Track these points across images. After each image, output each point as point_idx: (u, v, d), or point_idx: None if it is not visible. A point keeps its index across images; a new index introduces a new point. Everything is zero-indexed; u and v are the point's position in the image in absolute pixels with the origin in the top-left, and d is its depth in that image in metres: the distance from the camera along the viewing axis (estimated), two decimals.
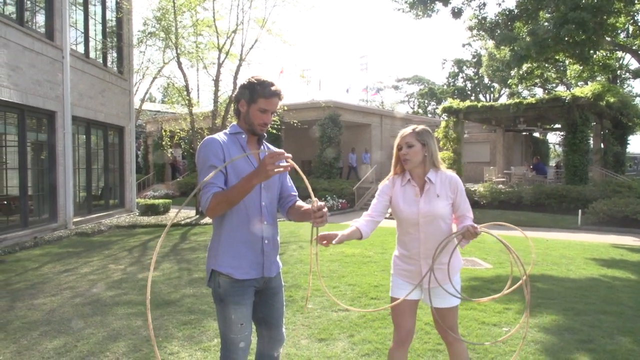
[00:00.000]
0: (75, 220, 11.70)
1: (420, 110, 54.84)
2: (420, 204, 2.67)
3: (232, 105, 15.07)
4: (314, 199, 2.28)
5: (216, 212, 2.31)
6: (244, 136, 2.45)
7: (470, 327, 4.52)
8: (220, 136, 2.42)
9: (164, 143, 20.88)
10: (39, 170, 11.01)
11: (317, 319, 4.76)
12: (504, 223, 3.06)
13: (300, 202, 2.62)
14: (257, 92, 2.38)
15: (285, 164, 2.17)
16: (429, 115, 48.51)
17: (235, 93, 2.46)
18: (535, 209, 16.02)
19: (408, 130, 2.75)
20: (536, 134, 29.17)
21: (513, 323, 4.68)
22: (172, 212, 16.01)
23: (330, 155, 20.56)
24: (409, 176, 2.75)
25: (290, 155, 2.19)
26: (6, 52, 9.35)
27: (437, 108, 48.04)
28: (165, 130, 20.28)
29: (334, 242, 2.48)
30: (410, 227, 2.71)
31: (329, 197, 17.54)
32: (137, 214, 15.09)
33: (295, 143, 24.30)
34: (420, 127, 2.77)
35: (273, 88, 2.39)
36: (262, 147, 2.52)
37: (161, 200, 16.12)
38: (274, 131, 16.14)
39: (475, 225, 2.57)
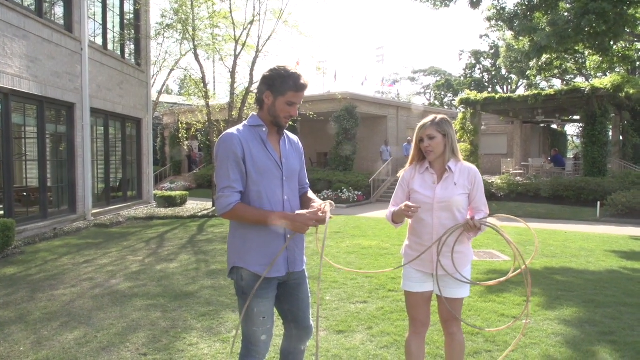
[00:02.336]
0: (94, 211, 11.81)
1: (437, 102, 54.35)
2: (437, 190, 2.67)
3: (253, 95, 15.02)
4: (327, 202, 2.33)
5: (231, 219, 2.34)
6: (264, 129, 2.38)
7: (490, 319, 4.46)
8: (239, 130, 2.36)
9: (180, 135, 21.00)
10: (58, 162, 11.12)
11: (334, 311, 4.73)
12: (507, 215, 3.01)
13: (311, 194, 2.60)
14: (287, 85, 2.31)
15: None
16: (446, 107, 48.05)
17: (258, 83, 2.40)
18: (553, 201, 15.79)
19: (427, 121, 2.72)
20: (554, 126, 28.75)
21: (533, 315, 4.61)
22: (189, 203, 16.11)
23: (347, 150, 20.46)
24: (428, 164, 2.74)
25: (333, 205, 2.33)
26: (25, 44, 9.42)
27: (453, 100, 47.61)
28: (181, 123, 20.37)
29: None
30: (424, 213, 2.69)
31: (344, 189, 17.48)
32: (155, 205, 15.20)
33: (312, 135, 24.25)
34: (440, 116, 2.74)
35: (302, 81, 2.33)
36: (282, 137, 2.47)
37: (178, 192, 16.21)
38: (291, 122, 16.04)
39: (476, 218, 2.56)
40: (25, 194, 10.33)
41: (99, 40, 12.64)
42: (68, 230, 10.02)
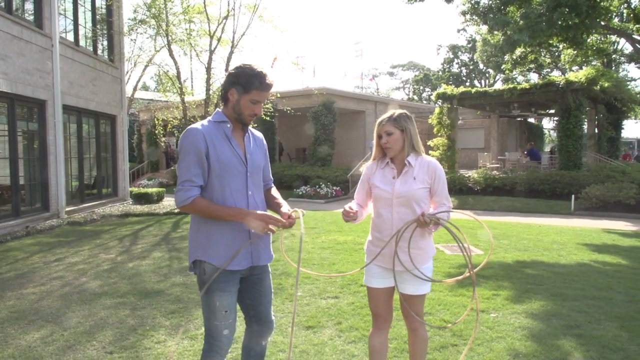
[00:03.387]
0: (67, 209, 11.64)
1: (415, 97, 54.69)
2: (396, 185, 2.67)
3: (219, 91, 14.90)
4: (294, 211, 2.41)
5: (190, 213, 2.38)
6: (229, 125, 2.40)
7: (459, 314, 4.52)
8: (203, 125, 2.37)
9: (157, 132, 20.79)
10: (31, 160, 10.91)
11: (305, 306, 4.75)
12: (460, 210, 3.08)
13: (274, 192, 2.63)
14: (251, 83, 2.32)
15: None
16: (424, 102, 48.39)
17: (224, 80, 2.42)
18: (529, 194, 16.03)
19: (385, 117, 2.72)
20: (531, 120, 29.16)
21: (501, 309, 4.69)
22: (166, 200, 15.96)
23: (325, 145, 20.49)
24: (388, 159, 2.75)
25: (303, 213, 2.41)
26: None
27: (432, 94, 47.89)
28: (158, 119, 20.15)
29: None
30: (383, 208, 2.70)
31: (322, 185, 17.50)
32: (131, 202, 15.04)
33: (290, 130, 24.20)
34: (398, 112, 2.74)
35: (268, 80, 2.34)
36: (247, 134, 2.49)
37: (155, 189, 16.05)
38: (268, 118, 16.03)
39: (425, 213, 2.57)
40: None
41: (70, 37, 12.42)
42: (41, 229, 9.87)
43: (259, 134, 2.63)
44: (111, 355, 3.68)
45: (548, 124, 35.42)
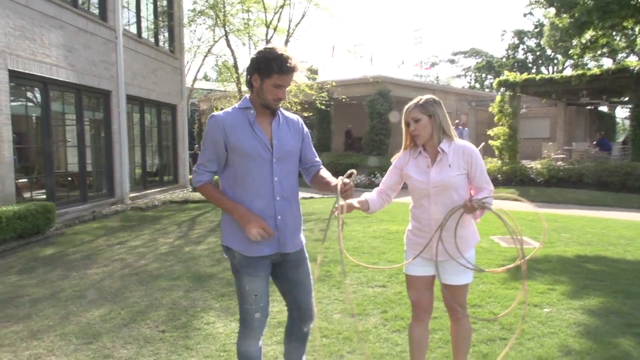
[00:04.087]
0: (131, 195, 12.23)
1: (477, 85, 53.07)
2: (431, 174, 2.60)
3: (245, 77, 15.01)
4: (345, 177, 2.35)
5: (203, 195, 2.51)
6: (252, 112, 2.42)
7: (509, 307, 4.40)
8: (227, 112, 2.42)
9: None
10: (97, 148, 11.54)
11: (352, 294, 4.78)
12: (509, 195, 2.96)
13: (324, 172, 2.59)
14: (271, 68, 2.31)
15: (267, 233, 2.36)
16: (486, 90, 46.88)
17: (248, 65, 2.44)
18: (596, 187, 15.22)
19: (411, 103, 2.66)
20: (602, 108, 27.61)
21: (556, 304, 4.53)
22: None
23: (380, 134, 20.34)
24: (421, 148, 2.68)
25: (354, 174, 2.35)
26: (62, 34, 9.77)
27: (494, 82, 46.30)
28: (217, 108, 20.68)
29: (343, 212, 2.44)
30: (422, 198, 2.65)
31: (378, 174, 17.41)
32: (190, 190, 15.57)
33: (345, 119, 24.16)
34: (425, 97, 2.67)
35: (288, 64, 2.31)
36: (276, 118, 2.48)
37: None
38: (323, 107, 16.06)
39: (472, 198, 2.50)
40: (67, 178, 10.80)
41: (133, 29, 12.96)
42: (106, 213, 10.43)
43: (294, 117, 2.59)
44: (163, 333, 3.87)
45: (621, 112, 33.44)
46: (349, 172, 2.37)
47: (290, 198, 2.47)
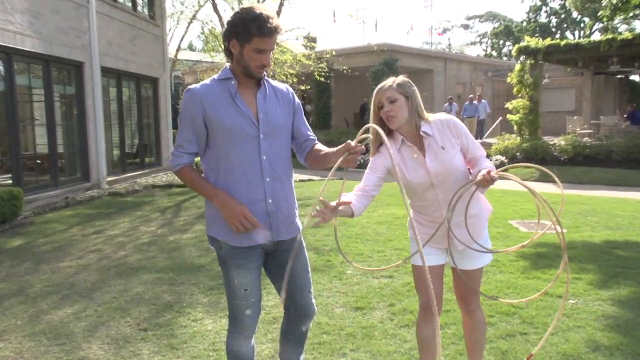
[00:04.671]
0: (108, 179, 12.18)
1: (494, 53, 52.72)
2: (428, 164, 2.55)
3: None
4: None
5: (180, 179, 2.47)
6: (233, 82, 2.36)
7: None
8: (205, 85, 2.37)
9: None
10: (69, 127, 11.46)
11: (355, 285, 4.77)
12: (531, 165, 2.90)
13: (320, 146, 2.55)
14: (250, 31, 2.23)
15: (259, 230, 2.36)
16: (504, 58, 46.60)
17: (223, 30, 2.40)
18: (627, 165, 15.18)
19: (387, 83, 2.60)
20: (634, 77, 27.45)
21: (582, 295, 4.51)
22: None
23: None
24: (400, 136, 2.60)
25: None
26: None
27: (513, 49, 46.04)
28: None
29: (326, 220, 2.36)
30: (425, 193, 2.62)
31: None
32: None
33: (347, 92, 24.07)
34: (400, 78, 2.62)
35: (269, 25, 2.23)
36: (262, 89, 2.43)
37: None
38: (322, 79, 15.95)
39: (490, 169, 2.44)
40: (36, 160, 10.74)
41: None
42: (81, 200, 10.39)
43: (283, 87, 2.54)
44: (145, 332, 3.85)
45: None
46: (361, 134, 2.27)
47: (282, 178, 2.43)
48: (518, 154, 16.20)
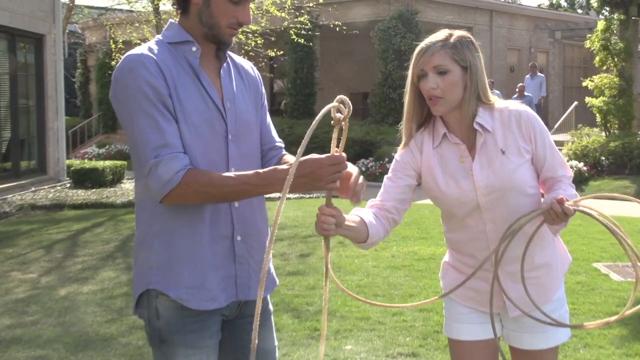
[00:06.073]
0: None
1: (564, 2, 53.56)
2: (475, 173, 2.54)
3: None
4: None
5: (186, 201, 2.26)
6: (194, 49, 2.34)
7: None
8: (152, 50, 2.31)
9: (114, 63, 21.09)
10: None
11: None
12: (618, 195, 2.87)
13: (289, 157, 2.55)
14: None
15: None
16: (579, 12, 47.30)
17: None
18: None
19: (436, 41, 2.55)
20: None
21: None
22: (129, 182, 16.23)
23: (401, 88, 20.41)
24: (444, 127, 2.59)
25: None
26: None
27: None
28: (116, 42, 20.39)
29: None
30: (468, 217, 2.61)
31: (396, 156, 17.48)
32: (68, 185, 15.45)
33: (339, 63, 24.13)
34: (458, 34, 2.58)
35: None
36: (225, 64, 2.43)
37: (110, 163, 16.40)
38: (302, 40, 15.92)
39: (564, 197, 2.36)
40: None
41: None
42: None
43: (248, 65, 2.60)
44: None
45: None
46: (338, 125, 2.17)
47: (253, 204, 2.45)
48: (603, 158, 16.29)
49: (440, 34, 2.56)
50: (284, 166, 2.22)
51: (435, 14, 21.93)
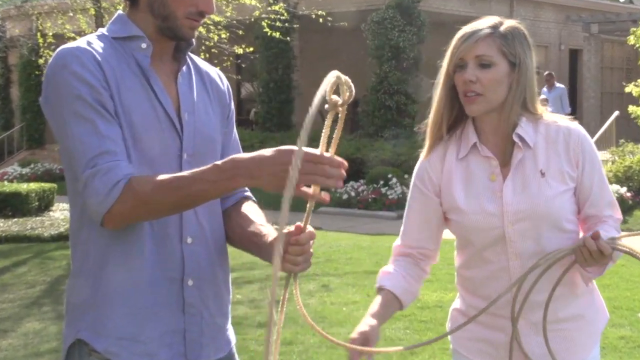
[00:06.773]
0: None
1: None
2: (505, 195, 2.58)
3: None
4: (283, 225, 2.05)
5: (130, 219, 2.24)
6: (144, 45, 2.35)
7: None
8: (91, 44, 2.31)
9: (42, 61, 21.13)
10: None
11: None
12: None
13: (250, 206, 2.57)
14: None
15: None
16: (621, 0, 47.79)
17: None
18: None
19: (478, 27, 2.59)
20: None
21: None
22: (60, 208, 16.20)
23: (400, 93, 20.51)
24: (475, 136, 2.62)
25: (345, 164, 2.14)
26: None
27: None
28: (44, 35, 20.45)
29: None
30: (487, 248, 2.63)
31: (394, 179, 17.46)
32: None
33: (323, 62, 24.23)
34: (509, 24, 2.63)
35: None
36: (183, 67, 2.45)
37: (35, 185, 16.38)
38: (276, 34, 16.04)
39: (600, 232, 2.40)
40: None
41: None
42: None
43: (215, 72, 2.64)
44: None
45: None
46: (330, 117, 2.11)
47: (208, 240, 2.44)
48: None
49: (488, 20, 2.61)
50: (245, 154, 2.15)
51: (441, 3, 22.12)
